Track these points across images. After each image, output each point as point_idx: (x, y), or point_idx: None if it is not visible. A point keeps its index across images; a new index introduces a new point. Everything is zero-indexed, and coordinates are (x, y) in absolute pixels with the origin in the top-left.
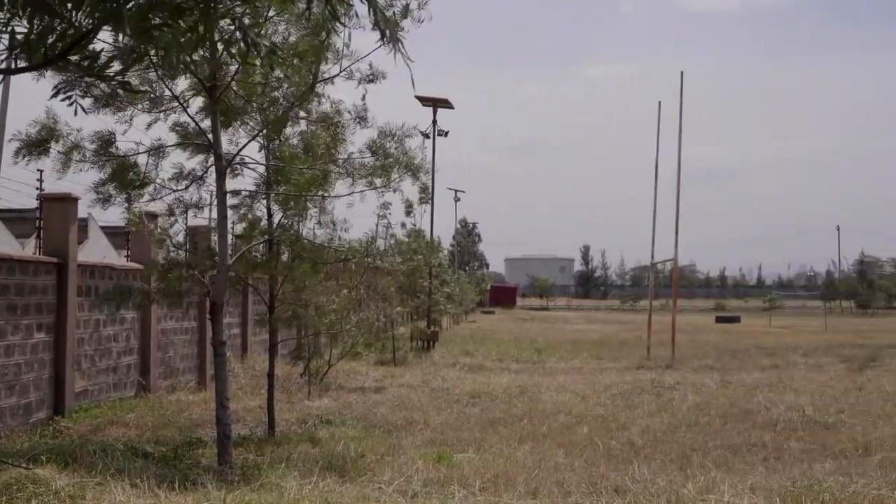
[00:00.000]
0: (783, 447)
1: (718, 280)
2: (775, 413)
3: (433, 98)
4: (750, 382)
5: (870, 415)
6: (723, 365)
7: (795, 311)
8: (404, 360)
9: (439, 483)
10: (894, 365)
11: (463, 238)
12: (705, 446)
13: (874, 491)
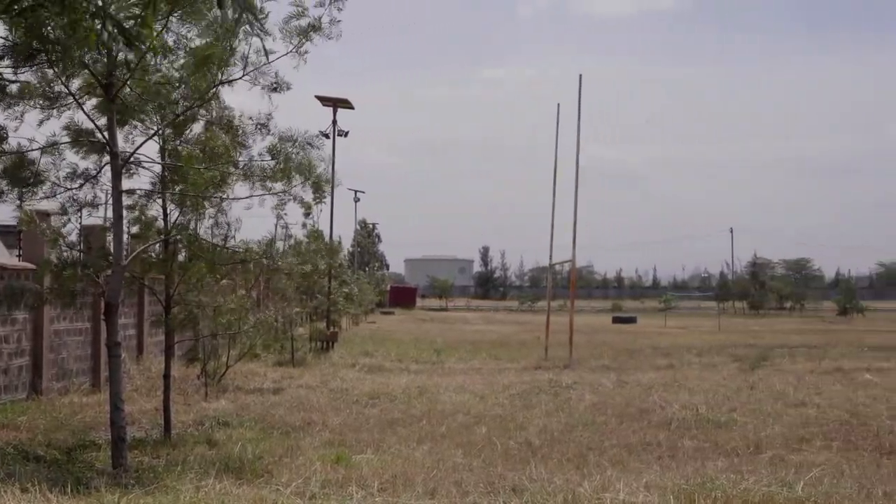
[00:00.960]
0: (677, 446)
1: (615, 281)
2: (670, 412)
3: (333, 98)
4: (646, 382)
5: (761, 413)
6: (619, 365)
7: (690, 312)
8: (303, 361)
9: (338, 484)
10: (785, 364)
11: (363, 238)
12: (601, 445)
13: (764, 488)
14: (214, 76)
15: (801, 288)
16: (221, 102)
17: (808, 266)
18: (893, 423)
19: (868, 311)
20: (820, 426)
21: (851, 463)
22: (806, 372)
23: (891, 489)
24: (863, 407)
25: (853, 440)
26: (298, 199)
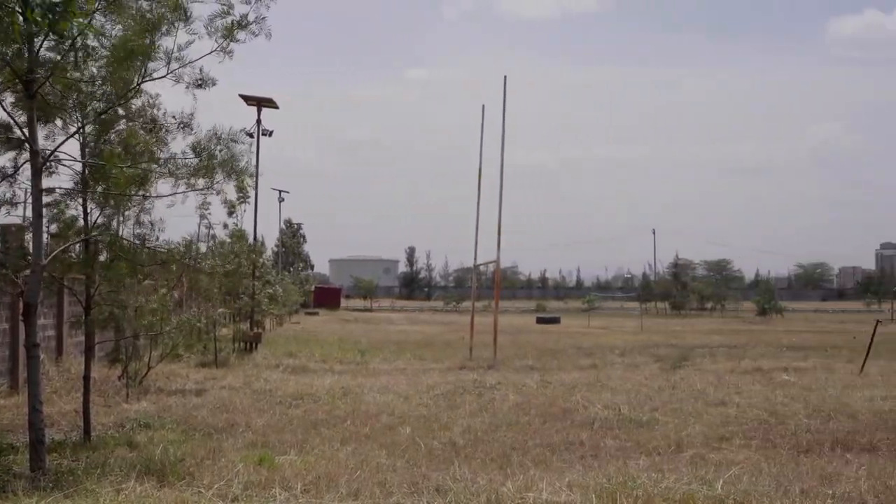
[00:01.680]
0: (600, 445)
1: (539, 281)
2: (593, 412)
3: (258, 97)
4: (569, 382)
5: (682, 413)
6: (543, 365)
7: (613, 312)
8: (226, 362)
9: (260, 486)
10: (705, 364)
11: (287, 239)
12: (525, 445)
13: (685, 486)
14: (139, 71)
15: (722, 288)
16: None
17: (728, 267)
18: (810, 422)
19: (786, 311)
20: (739, 425)
21: (770, 461)
22: (726, 372)
23: (808, 486)
24: (781, 406)
25: (771, 439)
26: (222, 196)
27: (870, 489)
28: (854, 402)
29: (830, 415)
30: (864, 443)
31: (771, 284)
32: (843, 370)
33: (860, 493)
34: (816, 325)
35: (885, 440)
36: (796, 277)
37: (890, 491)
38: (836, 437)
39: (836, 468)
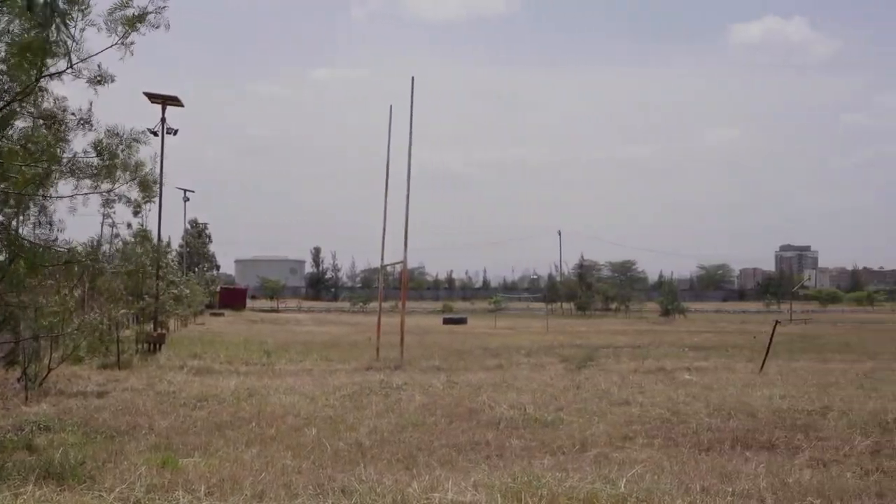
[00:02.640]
0: (505, 445)
1: (446, 282)
2: (498, 412)
3: (162, 95)
4: (475, 382)
5: (586, 412)
6: (449, 365)
7: (519, 313)
8: (129, 364)
9: (163, 488)
10: (610, 364)
11: (193, 239)
12: (431, 445)
13: (589, 485)
14: (38, 68)
15: (626, 289)
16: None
17: (632, 268)
18: (711, 421)
19: (689, 311)
20: (643, 424)
21: (672, 459)
22: (630, 371)
23: (708, 484)
24: (683, 405)
25: (673, 437)
26: (124, 198)
27: (768, 486)
28: (753, 401)
29: (731, 413)
30: (763, 441)
31: (674, 285)
32: (744, 369)
33: (759, 489)
34: (718, 325)
35: (782, 438)
36: (698, 278)
37: (787, 487)
38: (736, 436)
39: (735, 466)
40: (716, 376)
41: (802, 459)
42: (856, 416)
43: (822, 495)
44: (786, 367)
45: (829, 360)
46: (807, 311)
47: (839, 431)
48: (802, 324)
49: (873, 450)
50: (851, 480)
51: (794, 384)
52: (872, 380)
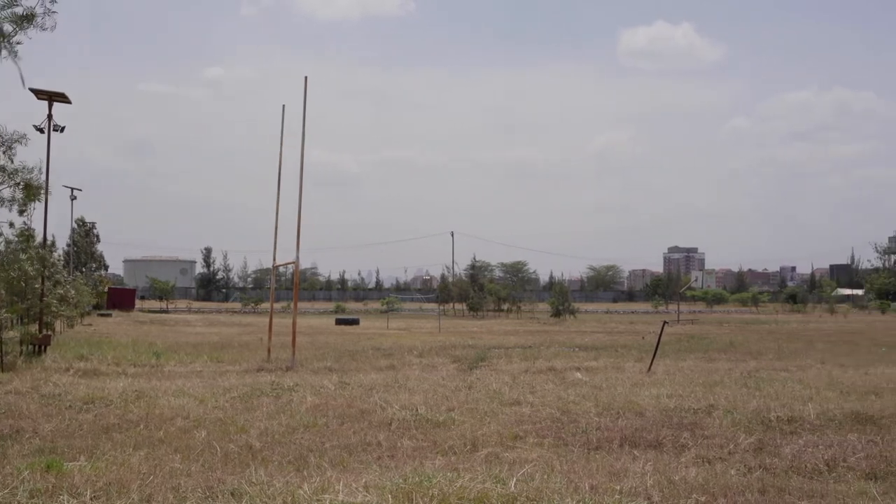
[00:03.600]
0: (397, 445)
1: (339, 283)
2: (390, 412)
3: (49, 91)
4: (367, 383)
5: (477, 412)
6: (341, 366)
7: (412, 314)
8: (13, 366)
9: (48, 493)
10: (501, 364)
11: (80, 238)
12: (322, 447)
13: (479, 485)
14: None
15: (518, 290)
16: None
17: (524, 269)
18: (600, 420)
19: (579, 312)
20: (533, 424)
21: (562, 458)
22: (521, 371)
23: (597, 482)
24: (573, 404)
25: (563, 437)
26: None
27: (655, 484)
28: (641, 400)
29: (619, 412)
30: (651, 439)
31: (564, 286)
32: (632, 369)
33: (646, 487)
34: (607, 325)
35: (669, 436)
36: (589, 279)
37: (673, 485)
38: (625, 434)
39: (623, 464)
40: (605, 376)
41: (688, 457)
42: (740, 414)
43: (706, 492)
44: (673, 366)
45: (714, 360)
46: (693, 311)
47: (724, 429)
48: (689, 324)
49: (756, 447)
50: (735, 477)
51: (680, 383)
52: (756, 379)
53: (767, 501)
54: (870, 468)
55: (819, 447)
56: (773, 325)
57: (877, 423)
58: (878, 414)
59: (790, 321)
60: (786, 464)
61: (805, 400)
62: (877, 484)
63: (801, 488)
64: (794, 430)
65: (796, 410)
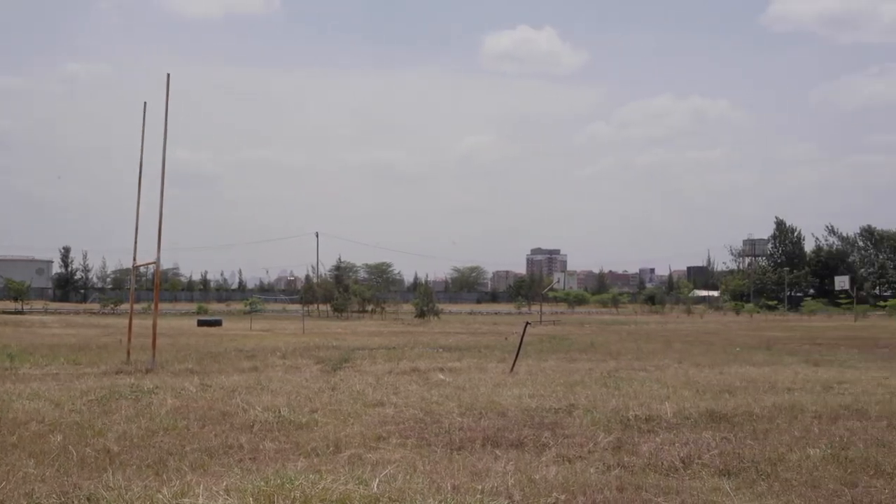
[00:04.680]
0: (259, 448)
1: (201, 283)
2: (252, 414)
3: None
4: (229, 385)
5: (341, 413)
6: (203, 368)
7: (276, 315)
8: None
9: None
10: (365, 365)
11: None
12: (182, 450)
13: (342, 486)
14: None
15: (383, 291)
16: None
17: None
18: (463, 420)
19: (443, 313)
20: (397, 424)
21: (424, 459)
22: (385, 372)
23: (459, 482)
24: (436, 405)
25: (426, 437)
26: None
27: (516, 483)
28: (504, 400)
29: (482, 413)
30: (513, 439)
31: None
32: (495, 370)
33: (507, 486)
34: (471, 326)
35: (530, 436)
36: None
37: (534, 484)
38: (487, 434)
39: (485, 464)
40: (468, 376)
41: (549, 456)
42: (599, 413)
43: (566, 490)
44: (535, 366)
45: (576, 360)
46: (556, 312)
47: (584, 429)
48: (551, 325)
49: (615, 446)
50: (594, 475)
51: (542, 383)
52: (615, 378)
53: (625, 499)
54: (723, 465)
55: (675, 445)
56: (632, 326)
57: (730, 421)
58: (731, 412)
59: (649, 322)
60: (643, 461)
61: (662, 399)
62: (730, 480)
63: (657, 485)
64: (651, 428)
65: (654, 409)
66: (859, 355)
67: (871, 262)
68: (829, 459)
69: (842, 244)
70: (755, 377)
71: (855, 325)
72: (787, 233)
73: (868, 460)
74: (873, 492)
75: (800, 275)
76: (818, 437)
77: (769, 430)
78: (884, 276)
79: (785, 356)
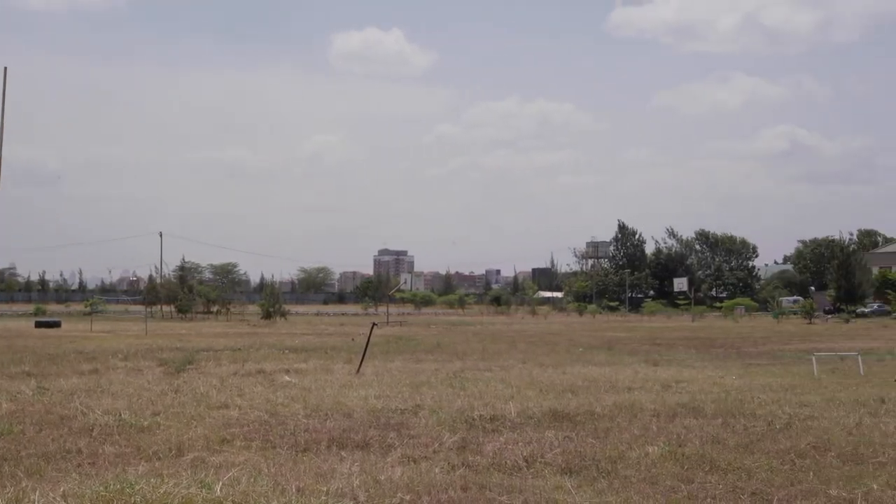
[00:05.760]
0: (98, 452)
1: (39, 284)
2: (92, 418)
3: None
4: (68, 388)
5: (184, 416)
6: (41, 371)
7: (118, 316)
8: None
9: None
10: (210, 367)
11: None
12: (18, 455)
13: (184, 490)
14: None
15: (228, 292)
16: None
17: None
18: (309, 422)
19: (290, 314)
20: (241, 427)
21: (269, 461)
22: (230, 374)
23: (304, 484)
24: (281, 407)
25: (271, 439)
26: None
27: (361, 484)
28: (350, 401)
29: (328, 414)
30: (358, 440)
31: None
32: (342, 371)
33: (352, 488)
34: (318, 327)
35: (376, 437)
36: (300, 281)
37: (379, 485)
38: (333, 436)
39: (331, 465)
40: (315, 378)
41: (394, 457)
42: (445, 413)
43: (411, 490)
44: (382, 367)
45: (422, 361)
46: (402, 313)
47: (429, 429)
48: (398, 325)
49: (460, 445)
50: (439, 475)
51: (388, 384)
52: (461, 379)
53: (469, 498)
54: (565, 463)
55: (519, 444)
56: (478, 327)
57: (572, 420)
58: (573, 411)
59: (494, 322)
60: (487, 461)
61: (507, 399)
62: (571, 478)
63: (501, 484)
64: (495, 428)
65: (498, 409)
66: (696, 355)
67: (707, 265)
68: (667, 456)
69: (680, 247)
70: (597, 377)
71: (692, 326)
72: (628, 235)
73: (703, 457)
74: (708, 487)
75: (640, 276)
76: (656, 434)
77: (610, 429)
78: (720, 278)
79: (625, 356)
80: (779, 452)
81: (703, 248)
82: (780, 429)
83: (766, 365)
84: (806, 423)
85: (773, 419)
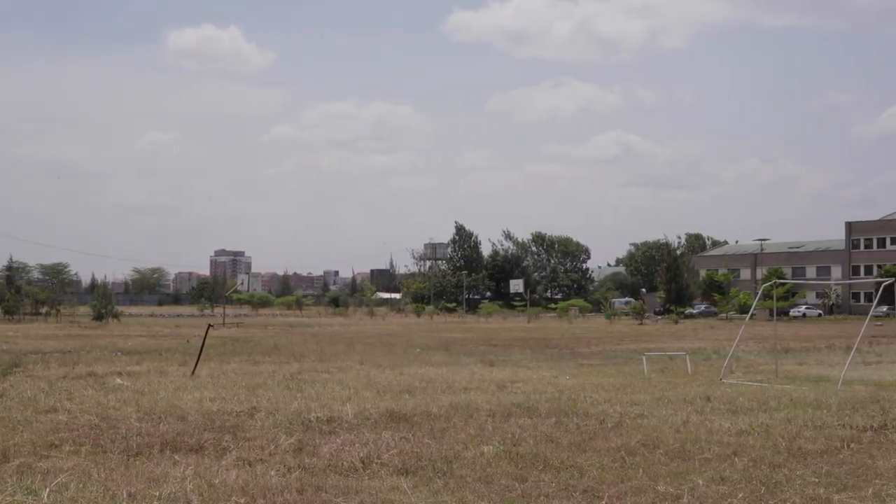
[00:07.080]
0: None
1: None
2: None
3: None
4: None
5: (10, 421)
6: None
7: None
8: None
9: None
10: (38, 370)
11: None
12: None
13: (9, 498)
14: None
15: (58, 293)
16: None
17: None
18: (141, 425)
19: (124, 315)
20: (70, 431)
21: (99, 466)
22: (59, 377)
23: (135, 489)
24: (113, 410)
25: (102, 443)
26: None
27: (195, 488)
28: (184, 404)
29: (161, 417)
30: (193, 443)
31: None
32: (176, 373)
33: (186, 492)
34: (152, 329)
35: (211, 440)
36: (134, 282)
37: (214, 488)
38: (166, 439)
39: (164, 469)
40: (148, 380)
41: (230, 460)
42: (281, 415)
43: (246, 494)
44: (218, 369)
45: (259, 363)
46: (239, 314)
47: (265, 431)
48: (235, 327)
49: (296, 448)
50: (275, 478)
51: (224, 386)
52: (298, 380)
53: (305, 500)
54: (402, 464)
55: (356, 445)
56: (316, 328)
57: (409, 421)
58: (410, 412)
59: (333, 324)
60: (324, 463)
61: (344, 400)
62: (408, 478)
63: (337, 486)
64: (332, 429)
65: (335, 410)
66: (531, 355)
67: (543, 266)
68: (502, 456)
69: (517, 249)
70: (434, 377)
71: (528, 327)
72: (466, 237)
73: (537, 456)
74: (542, 485)
75: (478, 278)
76: (492, 434)
77: (446, 429)
78: (555, 280)
79: (462, 357)
80: (610, 450)
81: (539, 249)
82: (612, 427)
83: (598, 365)
84: (636, 422)
85: (605, 418)
